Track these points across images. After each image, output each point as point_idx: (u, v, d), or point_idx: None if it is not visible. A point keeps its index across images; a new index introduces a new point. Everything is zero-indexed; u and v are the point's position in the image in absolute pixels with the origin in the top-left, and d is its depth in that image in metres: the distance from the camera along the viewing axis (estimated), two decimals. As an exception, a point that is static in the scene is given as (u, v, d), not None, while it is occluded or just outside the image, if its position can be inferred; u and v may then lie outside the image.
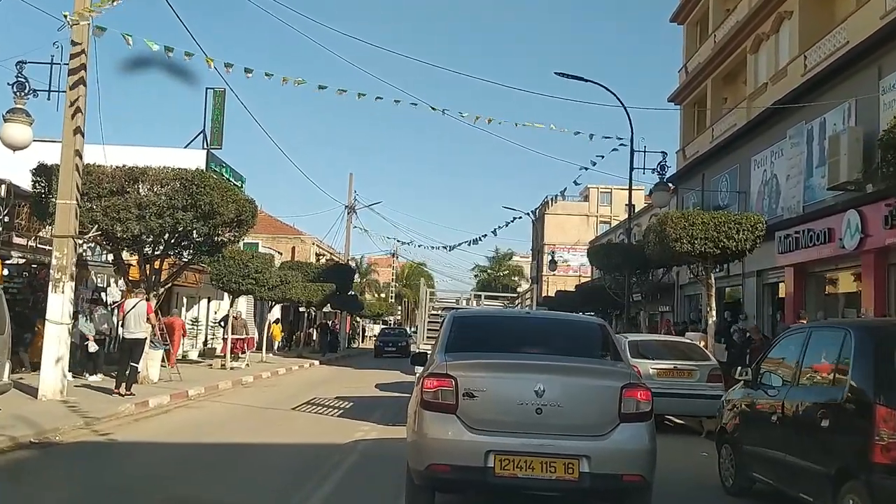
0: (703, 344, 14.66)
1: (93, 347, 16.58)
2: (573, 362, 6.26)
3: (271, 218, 52.27)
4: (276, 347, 37.21)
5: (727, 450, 7.47)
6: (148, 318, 14.38)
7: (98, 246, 16.83)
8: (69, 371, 16.68)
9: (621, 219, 56.91)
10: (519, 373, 5.95)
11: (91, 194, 14.60)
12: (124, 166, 14.98)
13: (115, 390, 13.62)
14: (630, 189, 22.11)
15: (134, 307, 14.14)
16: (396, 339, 41.90)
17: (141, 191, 14.92)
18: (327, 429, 11.71)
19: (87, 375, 16.72)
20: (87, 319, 16.75)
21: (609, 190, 71.37)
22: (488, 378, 5.87)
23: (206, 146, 27.16)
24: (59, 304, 12.87)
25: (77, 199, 13.10)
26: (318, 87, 17.06)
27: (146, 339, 14.66)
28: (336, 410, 14.47)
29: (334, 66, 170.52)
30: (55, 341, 12.79)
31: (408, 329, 71.36)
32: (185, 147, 26.57)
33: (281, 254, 44.24)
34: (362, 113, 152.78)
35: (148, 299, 16.08)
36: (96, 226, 13.96)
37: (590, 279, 50.33)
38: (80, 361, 17.46)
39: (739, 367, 7.56)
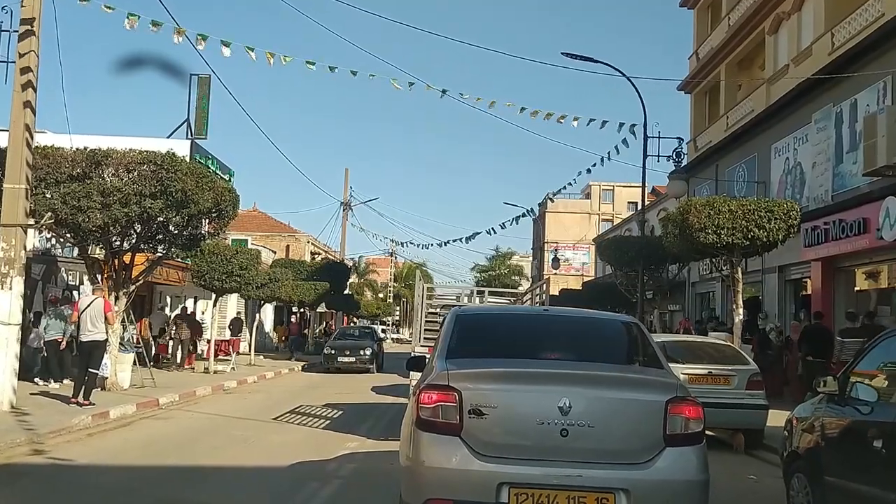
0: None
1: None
2: (605, 370, 4.99)
3: (264, 215, 50.88)
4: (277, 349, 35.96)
5: (801, 481, 5.93)
6: (106, 317, 12.79)
7: (60, 238, 15.25)
8: (38, 378, 15.50)
9: (624, 216, 55.70)
10: (539, 384, 4.70)
11: (49, 180, 13.15)
12: (86, 149, 13.48)
13: (73, 399, 12.12)
14: (643, 177, 20.63)
15: (89, 306, 12.56)
16: (358, 344, 26.90)
17: (105, 176, 13.42)
18: (309, 445, 10.18)
19: (52, 382, 15.23)
20: (56, 319, 15.08)
21: (611, 187, 70.13)
22: (501, 391, 4.64)
23: (190, 135, 25.62)
24: (6, 302, 11.37)
25: (27, 183, 11.57)
26: (307, 62, 15.72)
27: (106, 340, 13.10)
28: (322, 421, 12.98)
29: (328, 53, 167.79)
30: (2, 344, 11.30)
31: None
32: (168, 137, 25.03)
33: (275, 252, 42.80)
34: (358, 107, 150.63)
35: (117, 297, 14.64)
36: (49, 213, 12.43)
37: (593, 277, 48.95)
38: (45, 367, 15.99)
39: (818, 378, 6.03)
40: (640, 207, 24.93)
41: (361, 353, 25.77)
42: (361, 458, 9.13)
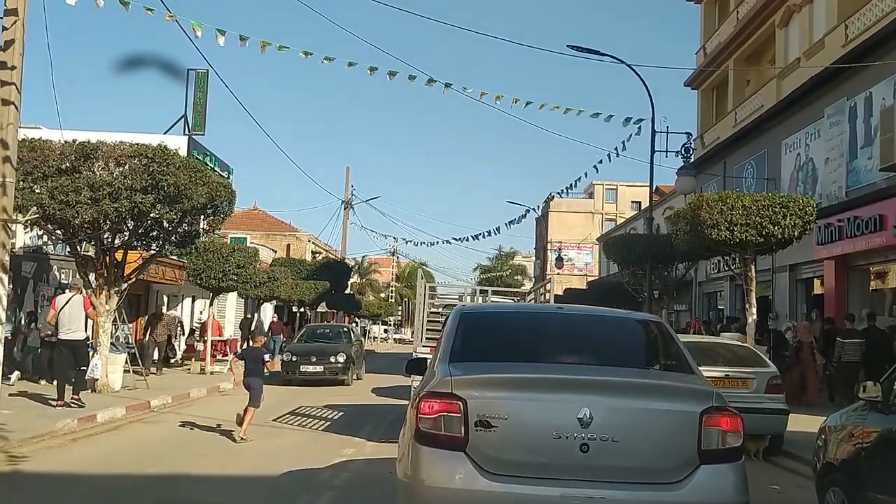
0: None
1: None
2: (630, 376, 4.44)
3: (265, 214, 50.42)
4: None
5: (837, 495, 5.42)
6: (87, 314, 12.53)
7: (48, 234, 14.76)
8: (19, 377, 15.10)
9: (627, 216, 55.11)
10: (555, 392, 4.14)
11: (36, 174, 12.66)
12: (75, 141, 13.01)
13: (59, 402, 11.66)
14: (651, 173, 20.07)
15: (67, 303, 12.17)
16: (328, 347, 20.39)
17: (95, 170, 12.94)
18: (304, 450, 9.68)
19: (42, 382, 14.82)
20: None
21: (614, 187, 69.64)
22: (511, 399, 4.08)
23: (187, 131, 25.12)
24: (-14, 300, 10.82)
25: (5, 177, 11.00)
26: (303, 52, 15.21)
27: (86, 339, 12.82)
28: (321, 423, 12.55)
29: (331, 51, 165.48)
30: (-18, 345, 10.75)
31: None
32: (165, 133, 24.54)
33: (275, 251, 42.32)
34: (359, 104, 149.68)
35: (109, 296, 14.17)
36: (34, 207, 11.94)
37: (596, 277, 48.37)
38: (37, 368, 15.59)
39: (863, 384, 5.52)
40: (647, 204, 24.33)
41: (332, 359, 19.46)
42: (358, 466, 8.60)
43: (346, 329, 23.75)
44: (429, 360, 5.58)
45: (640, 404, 4.09)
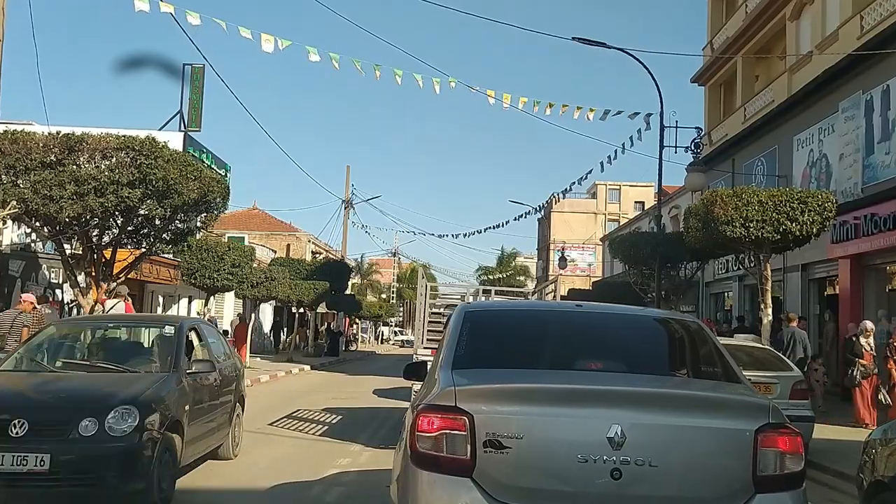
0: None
1: None
2: (669, 386, 3.85)
3: (264, 214, 49.88)
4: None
5: (891, 517, 4.83)
6: None
7: (32, 230, 14.20)
8: None
9: (630, 216, 54.52)
10: (579, 406, 3.47)
11: (18, 167, 12.08)
12: (59, 133, 12.43)
13: None
14: (660, 168, 19.48)
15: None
16: (77, 393, 6.30)
17: (80, 163, 12.37)
18: (295, 460, 9.09)
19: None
20: None
21: (617, 187, 69.11)
22: (527, 414, 3.44)
23: (183, 128, 24.52)
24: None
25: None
26: (307, 48, 14.79)
27: None
28: (319, 427, 12.04)
29: (325, 40, 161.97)
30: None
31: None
32: (161, 129, 23.93)
33: (275, 251, 41.76)
34: (359, 101, 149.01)
35: (98, 294, 13.64)
36: (13, 202, 11.37)
37: (600, 278, 47.74)
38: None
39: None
40: (650, 204, 23.77)
41: (86, 423, 5.79)
42: (352, 478, 7.99)
43: (168, 333, 8.18)
44: (429, 365, 4.96)
45: (682, 421, 3.45)
